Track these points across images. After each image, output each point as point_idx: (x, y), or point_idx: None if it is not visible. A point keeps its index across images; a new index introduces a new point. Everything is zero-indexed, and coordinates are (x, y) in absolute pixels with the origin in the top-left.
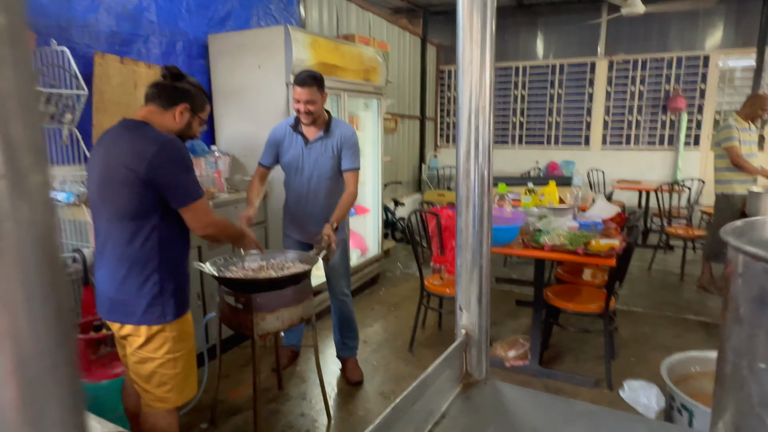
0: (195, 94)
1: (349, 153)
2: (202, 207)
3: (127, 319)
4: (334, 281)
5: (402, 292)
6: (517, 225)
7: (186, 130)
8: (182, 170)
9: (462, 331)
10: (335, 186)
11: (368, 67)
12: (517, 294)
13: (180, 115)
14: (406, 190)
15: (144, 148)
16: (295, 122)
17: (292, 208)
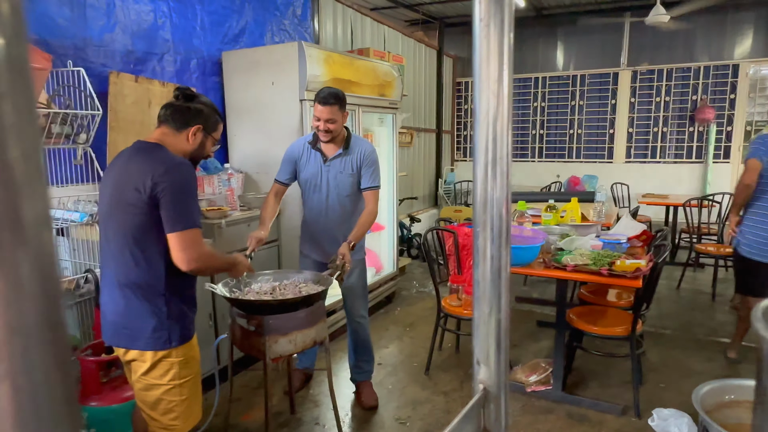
0: (208, 114)
1: (369, 171)
2: (193, 238)
3: (132, 344)
4: (350, 302)
5: (418, 312)
6: (538, 244)
7: (200, 151)
8: (183, 194)
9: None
10: (354, 205)
11: (383, 81)
12: (538, 314)
13: (193, 137)
14: (423, 205)
15: (152, 169)
16: (313, 139)
17: (309, 226)
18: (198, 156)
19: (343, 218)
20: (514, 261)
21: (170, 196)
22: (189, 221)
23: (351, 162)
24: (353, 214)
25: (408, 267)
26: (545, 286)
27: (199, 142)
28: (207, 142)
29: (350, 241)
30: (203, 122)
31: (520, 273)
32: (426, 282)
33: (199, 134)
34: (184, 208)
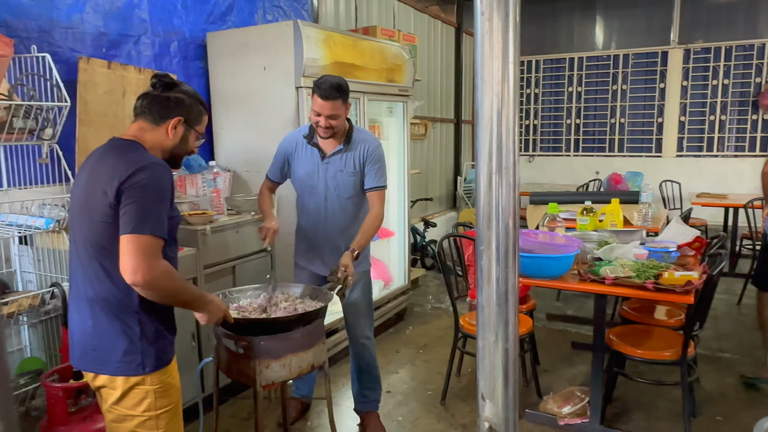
0: (190, 105)
1: (373, 169)
2: (147, 245)
3: (100, 368)
4: (353, 321)
5: (433, 331)
6: (572, 253)
7: (181, 147)
8: (149, 196)
9: (485, 425)
10: (357, 208)
11: (392, 65)
12: (572, 334)
13: (173, 130)
14: (439, 207)
15: (121, 171)
16: (309, 132)
17: (305, 234)
18: (180, 152)
19: (344, 224)
20: (545, 273)
21: (134, 197)
22: (148, 226)
23: (353, 159)
24: (356, 219)
25: (421, 279)
26: (581, 301)
27: (181, 136)
28: (190, 137)
29: (353, 249)
30: (185, 114)
31: (551, 287)
32: (442, 297)
33: (180, 128)
34: (147, 210)
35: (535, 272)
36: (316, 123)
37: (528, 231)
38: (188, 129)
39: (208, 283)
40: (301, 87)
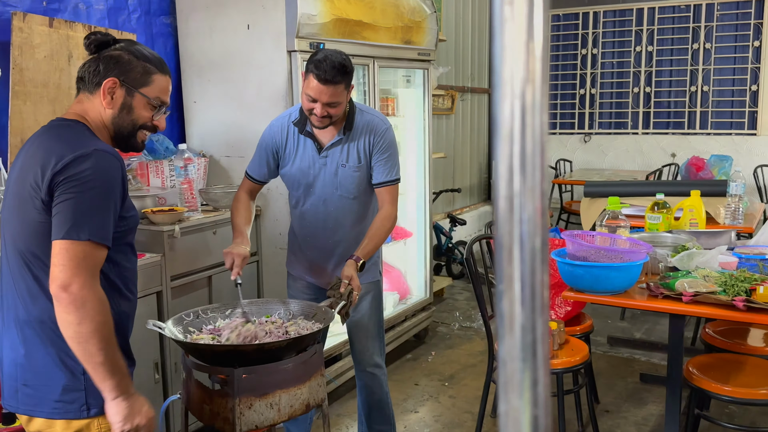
0: (127, 61)
1: (383, 159)
2: (84, 255)
3: (35, 409)
4: (360, 345)
5: (461, 358)
6: (639, 261)
7: (126, 119)
8: (89, 191)
9: None
10: (364, 207)
11: (410, 21)
12: (642, 364)
13: (108, 96)
14: (468, 200)
15: (55, 158)
16: (300, 117)
17: (301, 241)
18: (125, 127)
19: (350, 229)
20: (604, 286)
21: (70, 193)
22: (86, 229)
23: (357, 149)
24: (364, 221)
25: (447, 291)
26: (653, 321)
27: (121, 103)
28: (134, 103)
29: (358, 258)
30: (120, 72)
31: (613, 304)
32: (473, 313)
33: (118, 92)
34: (86, 210)
35: (591, 286)
36: (310, 110)
37: (581, 232)
38: (130, 92)
39: (177, 298)
40: (295, 51)
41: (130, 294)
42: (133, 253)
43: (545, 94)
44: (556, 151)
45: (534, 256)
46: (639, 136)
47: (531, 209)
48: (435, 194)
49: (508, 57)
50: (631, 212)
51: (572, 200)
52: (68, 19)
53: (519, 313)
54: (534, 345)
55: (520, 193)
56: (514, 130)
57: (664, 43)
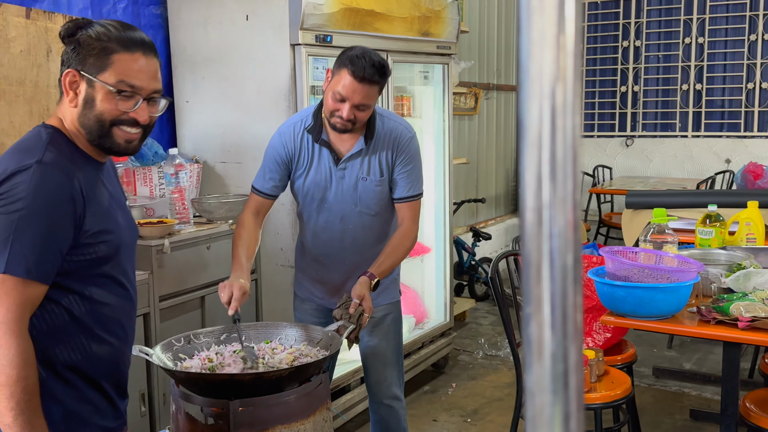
0: (83, 45)
1: (406, 171)
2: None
3: None
4: (376, 375)
5: (486, 391)
6: (689, 281)
7: (92, 115)
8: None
9: None
10: (385, 225)
11: (427, 11)
12: (692, 399)
13: (69, 91)
14: (494, 211)
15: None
16: (314, 123)
17: (312, 258)
18: (96, 128)
19: (370, 249)
20: (649, 310)
21: None
22: (1, 261)
23: (379, 161)
24: (383, 238)
25: (470, 314)
26: (705, 350)
27: (83, 98)
28: (96, 94)
29: (372, 275)
30: (77, 61)
31: (659, 330)
32: (499, 340)
33: (81, 85)
34: (4, 237)
35: (634, 309)
36: (334, 111)
37: (623, 249)
38: (90, 83)
39: (166, 321)
40: (299, 44)
41: (107, 335)
42: (118, 284)
43: (578, 94)
44: (594, 156)
45: (565, 275)
46: (688, 139)
47: (562, 222)
48: (456, 205)
49: (537, 52)
50: (679, 226)
51: (612, 212)
52: (47, 10)
53: (549, 339)
54: (566, 375)
55: (550, 204)
56: (542, 133)
57: (717, 33)
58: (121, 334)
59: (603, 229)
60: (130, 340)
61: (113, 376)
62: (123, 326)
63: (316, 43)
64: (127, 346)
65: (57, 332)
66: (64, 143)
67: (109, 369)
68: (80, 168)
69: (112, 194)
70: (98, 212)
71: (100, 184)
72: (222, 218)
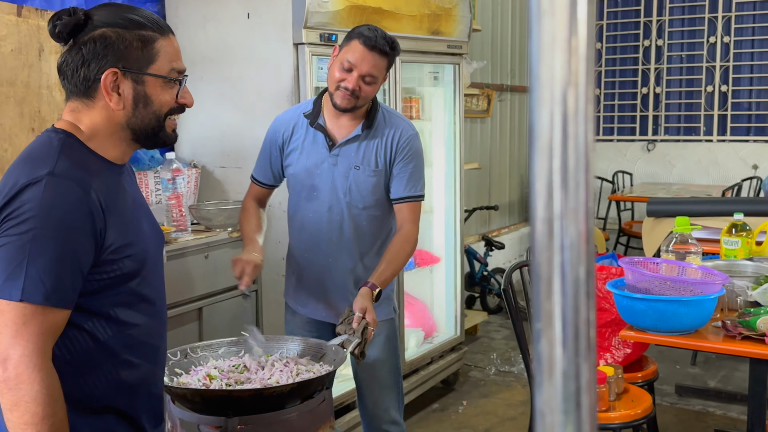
0: (115, 39)
1: (407, 170)
2: (19, 320)
3: None
4: (372, 398)
5: (498, 409)
6: (714, 294)
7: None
8: (25, 232)
9: None
10: (377, 224)
11: (437, 9)
12: (717, 418)
13: (113, 95)
14: (507, 219)
15: (9, 186)
16: (313, 109)
17: (298, 257)
18: (154, 124)
19: (359, 248)
20: (671, 324)
21: (6, 236)
22: (17, 286)
23: (376, 150)
24: (376, 242)
25: (482, 328)
26: (730, 367)
27: (133, 97)
28: (149, 90)
29: (374, 285)
30: (115, 58)
31: (682, 346)
32: (513, 355)
33: (124, 84)
34: (19, 260)
35: (656, 323)
36: (339, 83)
37: (643, 259)
38: (138, 79)
39: None
40: (302, 43)
41: (136, 359)
42: (146, 301)
43: (590, 100)
44: (613, 161)
45: (577, 289)
46: (713, 143)
47: (574, 234)
48: (467, 212)
49: (547, 56)
50: (703, 235)
51: (633, 220)
52: (39, 7)
53: (560, 357)
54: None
55: (561, 215)
56: (553, 141)
57: (744, 32)
58: (151, 356)
59: (623, 238)
60: (162, 361)
61: (146, 402)
62: (154, 348)
63: (320, 42)
64: (159, 368)
65: (80, 361)
66: (79, 149)
67: (140, 396)
68: (98, 175)
69: (135, 199)
70: (120, 223)
71: (121, 190)
72: (221, 226)
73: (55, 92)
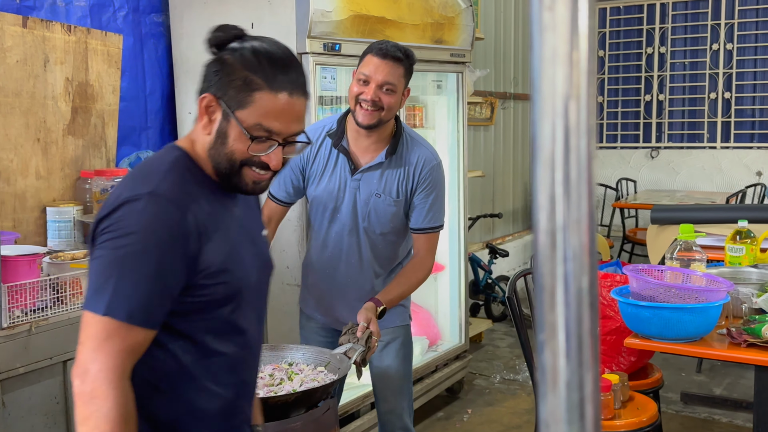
0: (228, 68)
1: (428, 201)
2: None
3: None
4: (388, 404)
5: (503, 417)
6: (718, 302)
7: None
8: (118, 248)
9: None
10: (392, 249)
11: (440, 18)
12: (723, 426)
13: (204, 116)
14: (512, 227)
15: (109, 201)
16: (337, 128)
17: (318, 271)
18: (225, 165)
19: (374, 270)
20: (676, 332)
21: (99, 249)
22: (102, 300)
23: (398, 180)
24: (393, 263)
25: (486, 336)
26: (736, 374)
27: (217, 130)
28: (230, 130)
29: (379, 302)
30: (218, 86)
31: (687, 353)
32: (518, 363)
33: (217, 113)
34: (108, 275)
35: (660, 331)
36: (358, 96)
37: (648, 267)
38: (226, 116)
39: None
40: (306, 53)
41: (218, 388)
42: (238, 331)
43: (592, 113)
44: (617, 168)
45: (581, 300)
46: (717, 150)
47: (577, 245)
48: (471, 220)
49: (548, 69)
50: (708, 243)
51: (637, 227)
52: (45, 18)
53: (563, 368)
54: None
55: (564, 226)
56: (555, 153)
57: (747, 39)
58: (234, 387)
59: (627, 245)
60: (248, 394)
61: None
62: (239, 379)
63: (324, 51)
64: (242, 400)
65: (158, 380)
66: (189, 169)
67: (217, 426)
68: (201, 198)
69: (243, 225)
70: (219, 249)
71: (227, 214)
72: None
73: (60, 103)
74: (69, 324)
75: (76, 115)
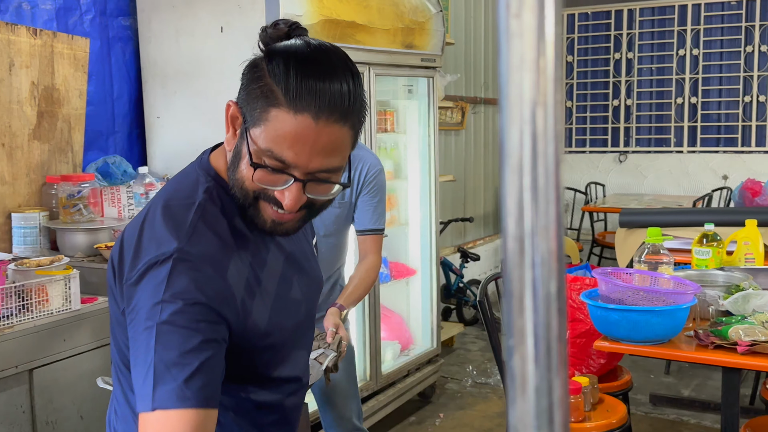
0: (256, 73)
1: (372, 203)
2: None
3: None
4: (338, 408)
5: (475, 421)
6: (685, 304)
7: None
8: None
9: None
10: (335, 252)
11: (411, 23)
12: (691, 427)
13: (230, 126)
14: (483, 231)
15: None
16: None
17: None
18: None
19: (326, 268)
20: (644, 334)
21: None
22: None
23: None
24: (332, 268)
25: (458, 340)
26: (704, 376)
27: (235, 145)
28: (243, 150)
29: (342, 306)
30: (243, 91)
31: (655, 356)
32: (489, 367)
33: (237, 124)
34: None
35: (628, 334)
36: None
37: (616, 270)
38: (243, 131)
39: None
40: None
41: None
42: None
43: (559, 119)
44: (586, 172)
45: (549, 306)
46: (684, 155)
47: (545, 250)
48: (443, 224)
49: (516, 76)
50: (675, 246)
51: (605, 231)
52: (10, 22)
53: (532, 373)
54: (550, 410)
55: (532, 232)
56: (523, 159)
57: (713, 45)
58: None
59: (596, 248)
60: None
61: None
62: (287, 421)
63: None
64: None
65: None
66: (222, 203)
67: None
68: (240, 241)
69: (290, 255)
70: (262, 306)
71: (272, 252)
72: None
73: (25, 107)
74: (35, 332)
75: (42, 120)
